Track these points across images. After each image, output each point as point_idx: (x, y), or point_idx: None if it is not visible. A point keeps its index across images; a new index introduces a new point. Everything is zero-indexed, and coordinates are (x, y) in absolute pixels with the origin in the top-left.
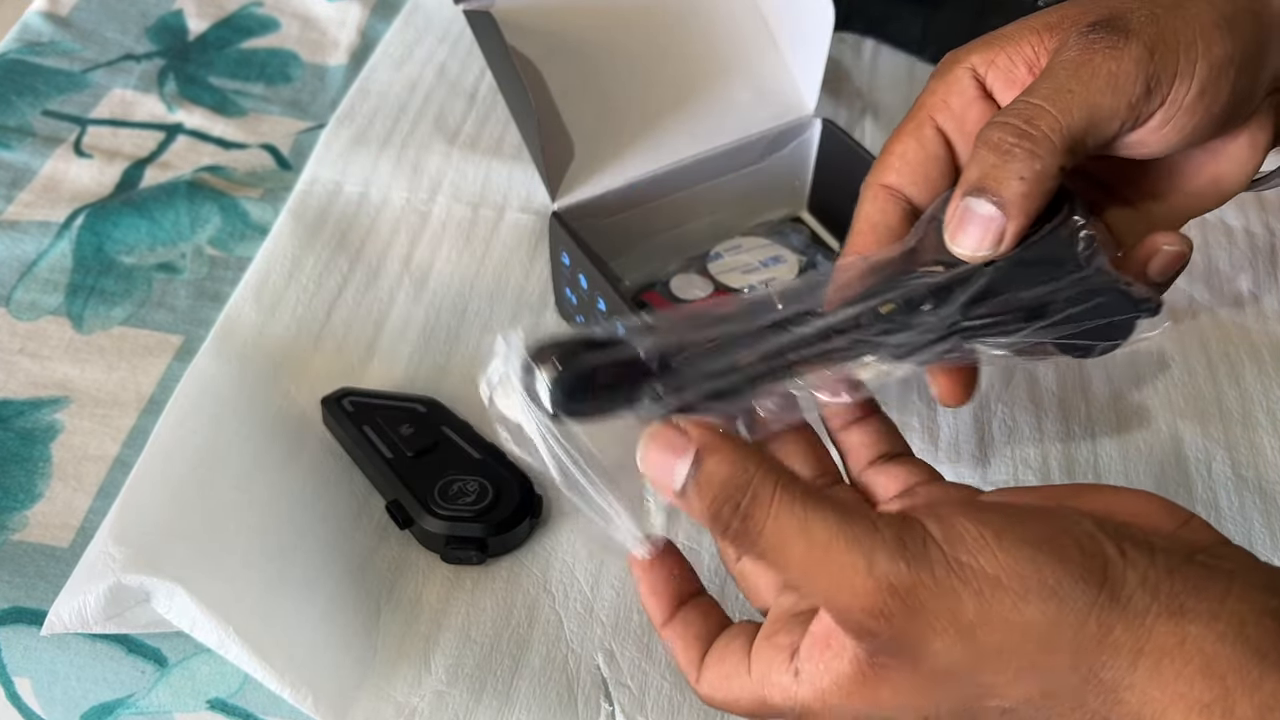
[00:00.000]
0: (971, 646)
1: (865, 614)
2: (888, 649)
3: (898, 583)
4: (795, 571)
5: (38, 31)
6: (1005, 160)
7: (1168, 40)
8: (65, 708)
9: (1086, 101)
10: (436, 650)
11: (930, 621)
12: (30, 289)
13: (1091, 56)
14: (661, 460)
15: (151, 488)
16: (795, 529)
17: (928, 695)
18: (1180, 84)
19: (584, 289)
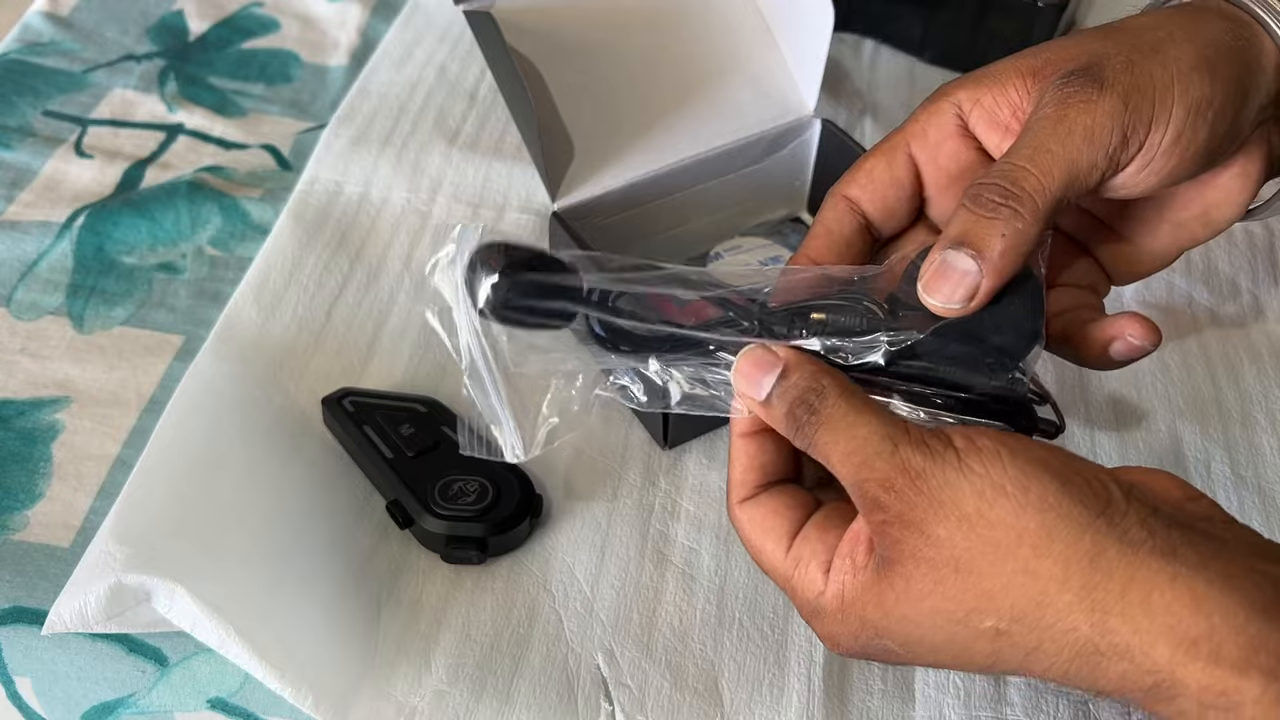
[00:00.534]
0: (970, 537)
1: (879, 486)
2: (897, 523)
3: (910, 467)
4: (837, 459)
5: (38, 32)
6: (989, 218)
7: (1142, 88)
8: (66, 707)
9: (1066, 159)
10: (437, 650)
11: (934, 505)
12: (31, 289)
13: (1067, 111)
14: (753, 373)
15: (152, 487)
16: (846, 424)
17: (928, 604)
18: (1156, 131)
19: None
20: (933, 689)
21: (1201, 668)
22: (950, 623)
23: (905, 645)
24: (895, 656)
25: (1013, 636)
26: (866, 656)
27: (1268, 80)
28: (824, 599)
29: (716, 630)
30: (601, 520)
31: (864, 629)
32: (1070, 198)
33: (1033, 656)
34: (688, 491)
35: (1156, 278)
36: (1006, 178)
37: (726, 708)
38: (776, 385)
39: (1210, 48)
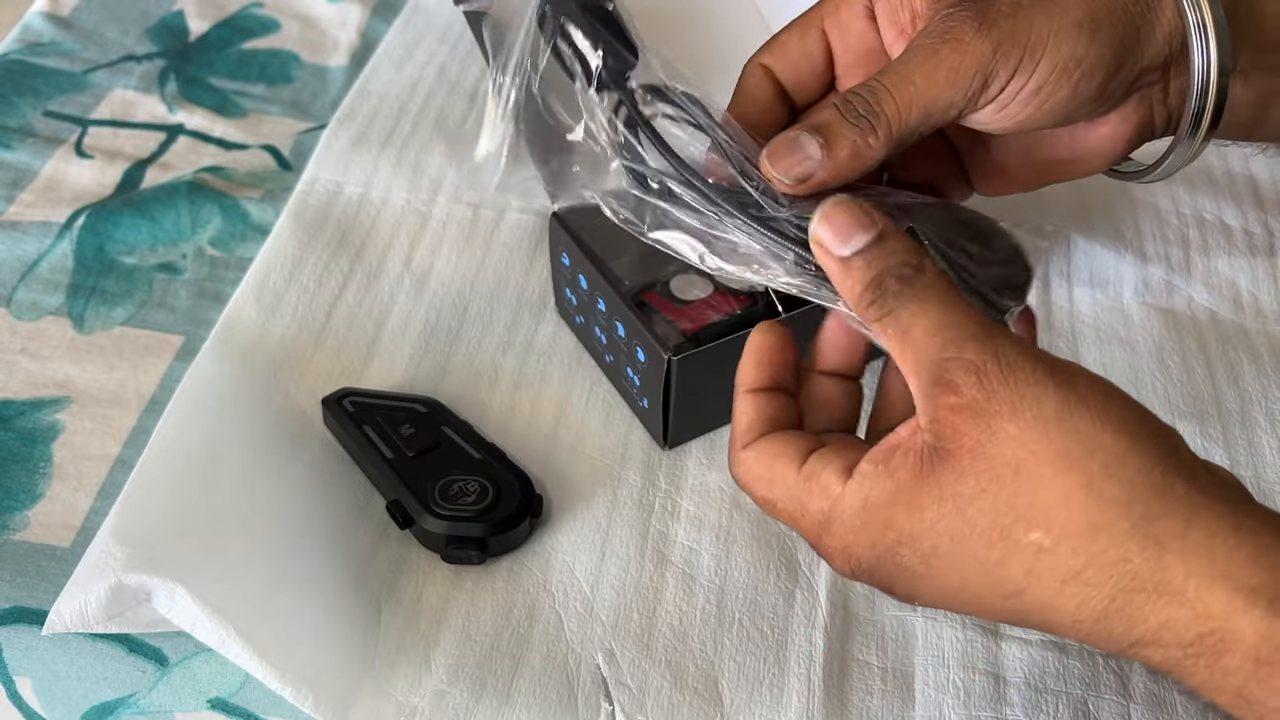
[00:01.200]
0: (1043, 440)
1: (963, 367)
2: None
3: (1003, 356)
4: (921, 331)
5: (38, 32)
6: (849, 123)
7: (1018, 35)
8: (66, 707)
9: (926, 95)
10: (437, 650)
11: (1016, 400)
12: (31, 289)
13: (940, 47)
14: (844, 226)
15: (152, 487)
16: (941, 302)
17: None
18: (1018, 79)
19: (584, 289)
20: (933, 689)
21: (1261, 616)
22: (991, 528)
23: (927, 559)
24: (911, 578)
25: (1056, 556)
26: (875, 575)
27: (1155, 47)
28: (841, 504)
29: (716, 630)
30: (601, 520)
31: (886, 534)
32: (925, 129)
33: (1070, 586)
34: (688, 491)
35: (1157, 278)
36: (873, 95)
37: (726, 708)
38: (870, 248)
39: (1103, 5)
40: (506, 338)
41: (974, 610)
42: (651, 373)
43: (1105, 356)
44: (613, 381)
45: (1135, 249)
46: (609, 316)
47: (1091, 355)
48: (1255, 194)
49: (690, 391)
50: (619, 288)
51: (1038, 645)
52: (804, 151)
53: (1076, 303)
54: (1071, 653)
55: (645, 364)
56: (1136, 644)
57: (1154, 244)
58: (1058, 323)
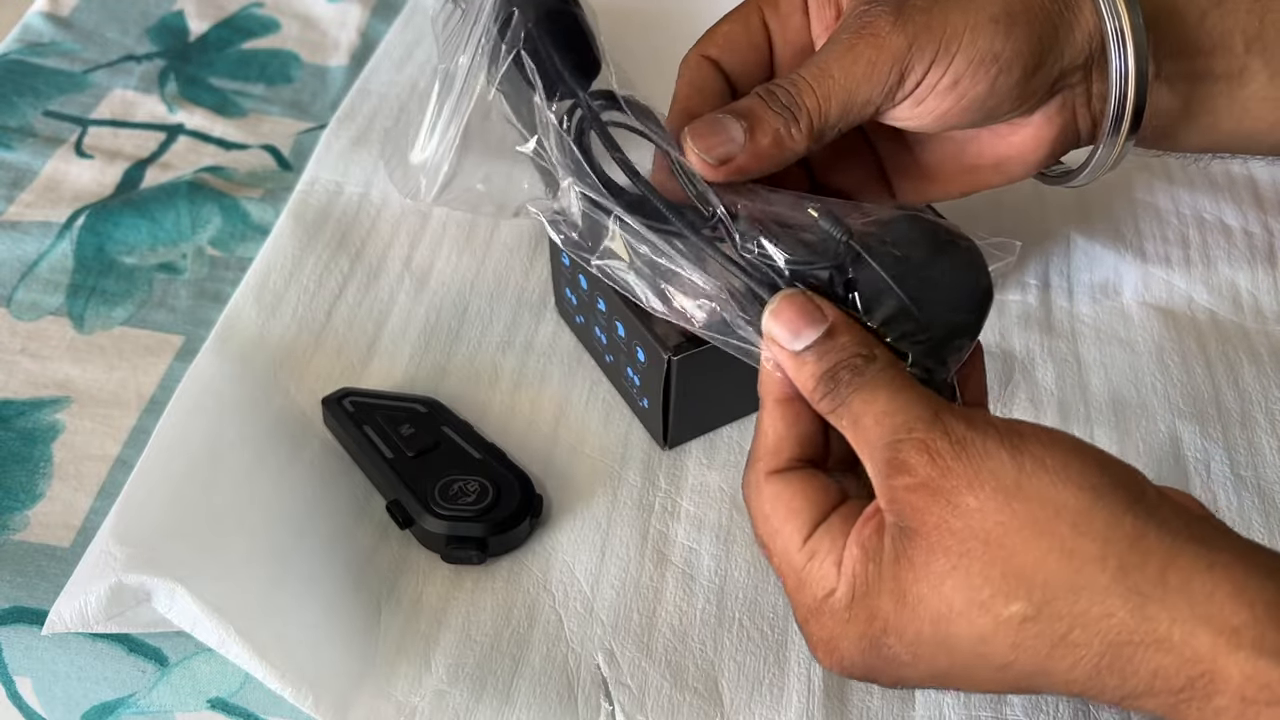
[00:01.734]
0: (1005, 510)
1: (914, 447)
2: (923, 490)
3: (952, 432)
4: (872, 418)
5: (38, 32)
6: (773, 112)
7: (934, 29)
8: (66, 707)
9: (844, 89)
10: (437, 649)
11: (971, 473)
12: (31, 289)
13: (857, 42)
14: (795, 320)
15: (152, 487)
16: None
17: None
18: (934, 73)
19: (584, 289)
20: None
21: (1245, 657)
22: (970, 605)
23: (913, 646)
24: (898, 667)
25: (1040, 623)
26: (866, 667)
27: (1074, 47)
28: (834, 599)
29: (716, 630)
30: (601, 520)
31: (872, 625)
32: (845, 124)
33: (1059, 650)
34: (688, 491)
35: (1156, 278)
36: (794, 87)
37: (726, 707)
38: (820, 342)
39: (1019, 3)
40: (506, 338)
41: (967, 687)
42: (652, 373)
43: (1105, 356)
44: (613, 381)
45: (1135, 249)
46: (609, 316)
47: (1091, 355)
48: (1255, 194)
49: (690, 391)
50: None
51: None
52: (727, 133)
53: (1076, 303)
54: None
55: (645, 364)
56: (1130, 695)
57: (1154, 244)
58: (1058, 323)
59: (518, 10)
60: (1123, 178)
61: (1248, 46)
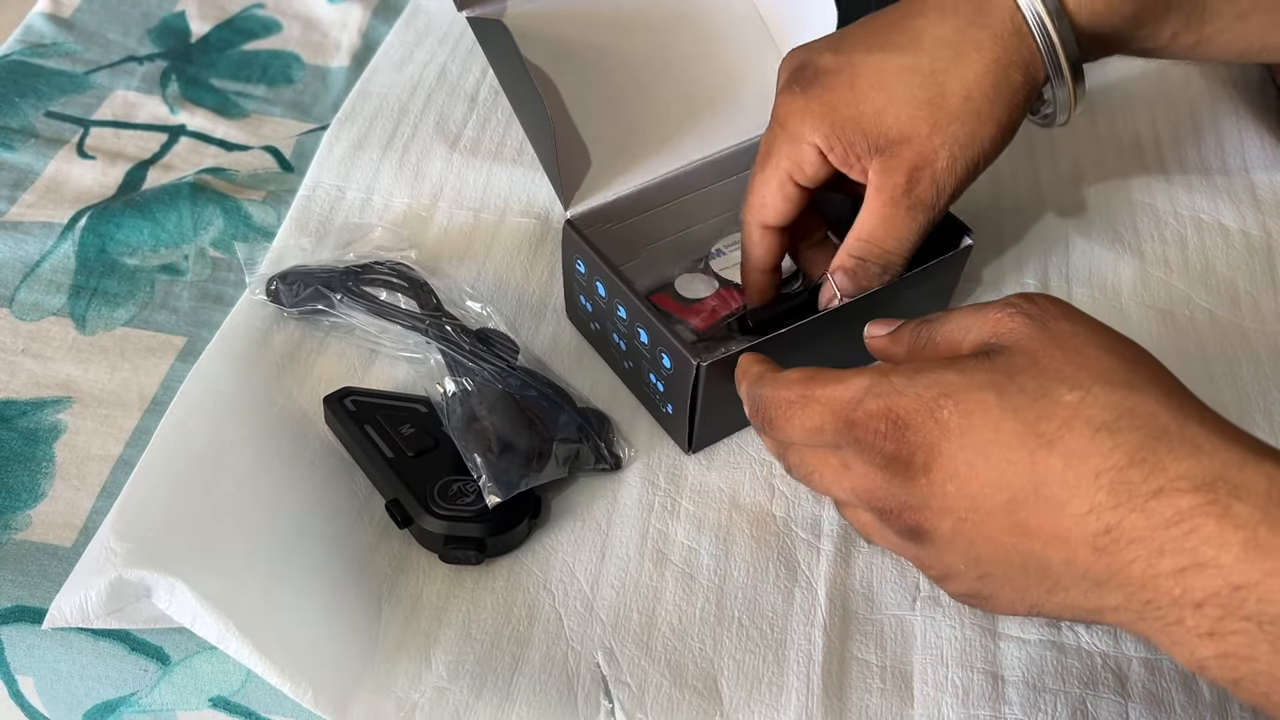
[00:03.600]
0: (1087, 335)
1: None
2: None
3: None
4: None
5: (40, 33)
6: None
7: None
8: (68, 706)
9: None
10: (437, 647)
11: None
12: (33, 290)
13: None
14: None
15: (154, 484)
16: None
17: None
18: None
19: (601, 297)
20: (931, 688)
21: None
22: (1036, 390)
23: (967, 414)
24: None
25: (1092, 408)
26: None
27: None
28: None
29: (716, 629)
30: (601, 520)
31: (930, 390)
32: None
33: (1101, 434)
34: (688, 491)
35: (1155, 279)
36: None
37: (726, 706)
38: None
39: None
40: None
41: (992, 474)
42: (678, 379)
43: None
44: (631, 388)
45: (1134, 249)
46: (629, 323)
47: None
48: (1253, 195)
49: (716, 397)
50: (640, 295)
51: (1036, 644)
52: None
53: (1075, 303)
54: (1069, 652)
55: (671, 371)
56: (1153, 493)
57: (1152, 245)
58: None
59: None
60: (1121, 178)
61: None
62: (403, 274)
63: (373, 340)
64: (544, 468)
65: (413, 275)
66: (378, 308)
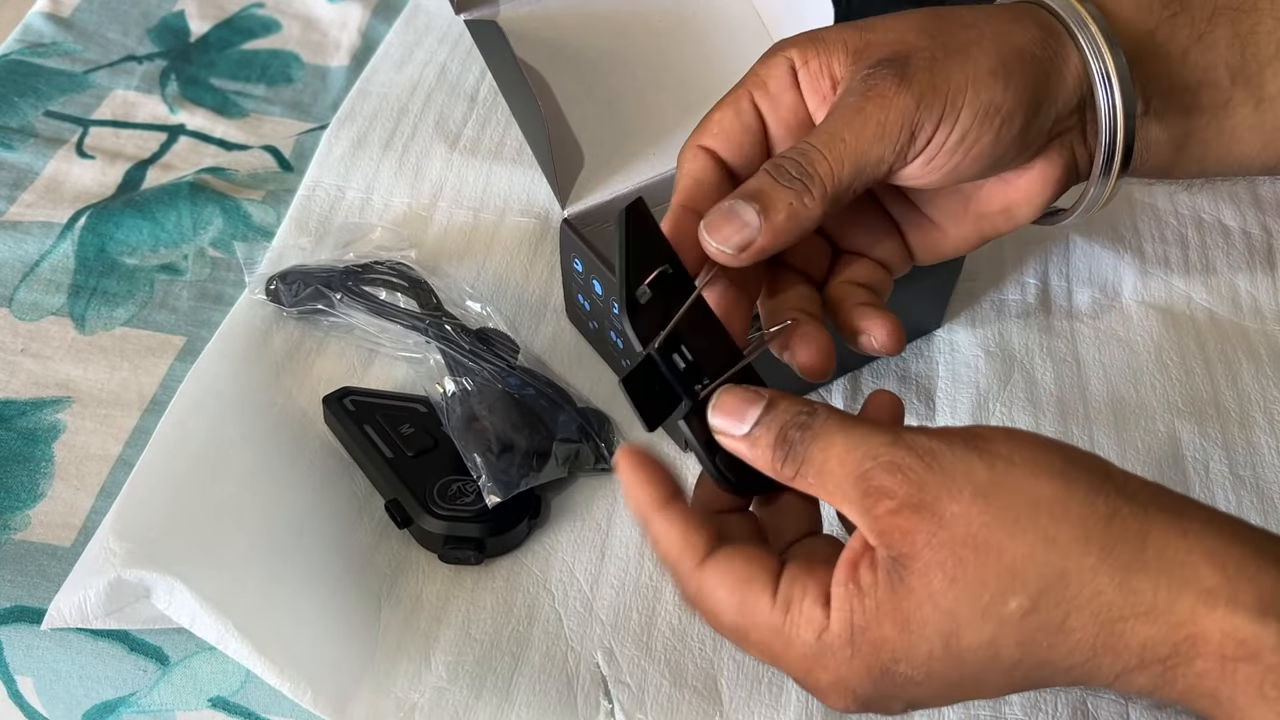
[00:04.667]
0: (987, 510)
1: (885, 470)
2: (906, 510)
3: (918, 446)
4: (836, 459)
5: (40, 32)
6: (783, 186)
7: (938, 88)
8: (67, 706)
9: (856, 150)
10: (437, 647)
11: (946, 481)
12: (33, 289)
13: (865, 104)
14: (737, 407)
15: (153, 484)
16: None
17: (950, 597)
18: (943, 129)
19: (598, 295)
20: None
21: (1222, 615)
22: (975, 614)
23: (925, 666)
24: (914, 690)
25: (1040, 614)
26: (881, 696)
27: (1067, 91)
28: (829, 635)
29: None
30: (601, 520)
31: (879, 657)
32: (859, 185)
33: (1059, 638)
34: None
35: (1155, 278)
36: (804, 156)
37: (725, 706)
38: (764, 416)
39: (1013, 54)
40: None
41: (978, 694)
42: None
43: (1105, 356)
44: None
45: (1134, 249)
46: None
47: (1091, 355)
48: (1254, 195)
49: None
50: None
51: None
52: (741, 219)
53: (1076, 303)
54: None
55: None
56: (1125, 671)
57: (1153, 244)
58: (1057, 323)
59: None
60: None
61: (1232, 79)
62: (402, 274)
63: (372, 340)
64: (544, 468)
65: (412, 275)
66: (377, 307)
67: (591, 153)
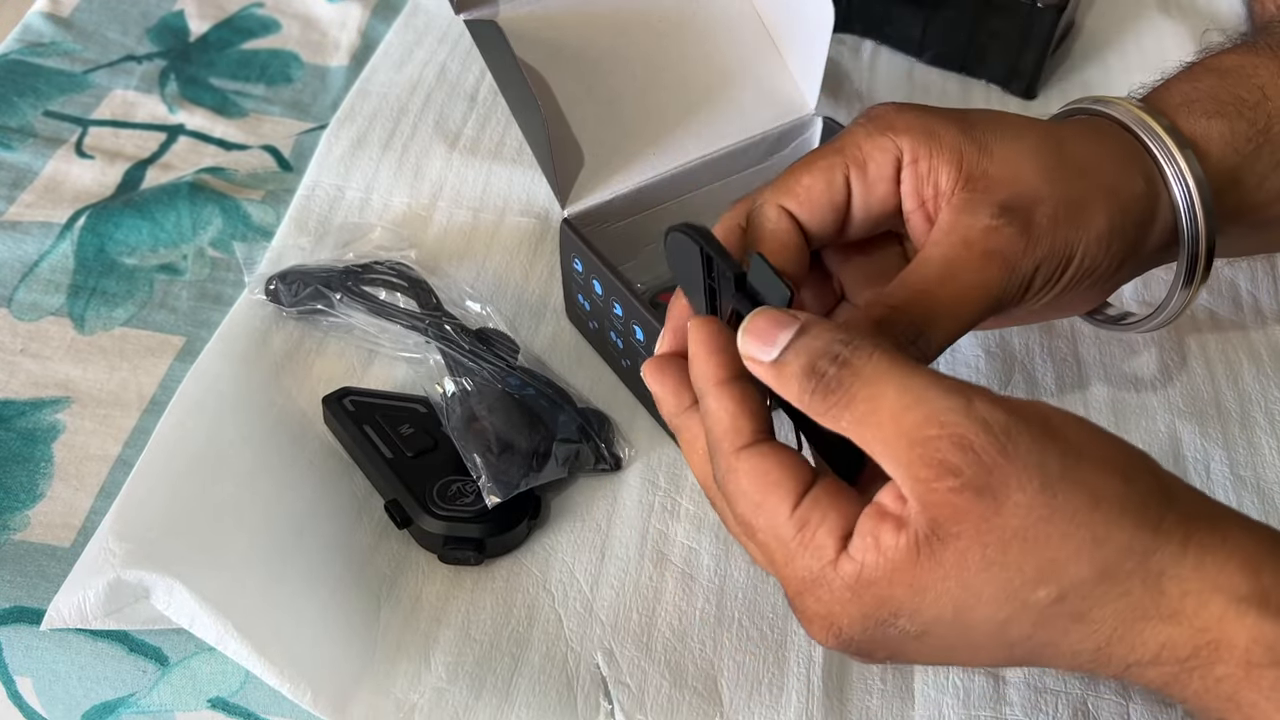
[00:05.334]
0: (1051, 504)
1: (953, 445)
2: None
3: (994, 421)
4: (887, 415)
5: (39, 32)
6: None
7: (1057, 252)
8: (67, 707)
9: (971, 314)
10: (436, 648)
11: (1021, 469)
12: (32, 289)
13: (988, 265)
14: (766, 330)
15: (153, 484)
16: (895, 376)
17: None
18: (1048, 291)
19: (598, 295)
20: (932, 689)
21: (1252, 621)
22: (1000, 595)
23: (926, 626)
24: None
25: (1065, 604)
26: (866, 642)
27: (1153, 241)
28: (834, 573)
29: (716, 630)
30: (601, 520)
31: (880, 610)
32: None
33: (1077, 625)
34: (688, 491)
35: (1155, 278)
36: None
37: (725, 707)
38: (794, 340)
39: (1120, 215)
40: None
41: (970, 661)
42: None
43: (1105, 356)
44: (630, 386)
45: None
46: (626, 321)
47: (1091, 355)
48: None
49: None
50: (636, 292)
51: None
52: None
53: None
54: None
55: None
56: (1136, 665)
57: None
58: (1058, 323)
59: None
60: None
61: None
62: (402, 274)
63: (372, 340)
64: (544, 468)
65: (412, 275)
66: (377, 307)
67: (591, 153)
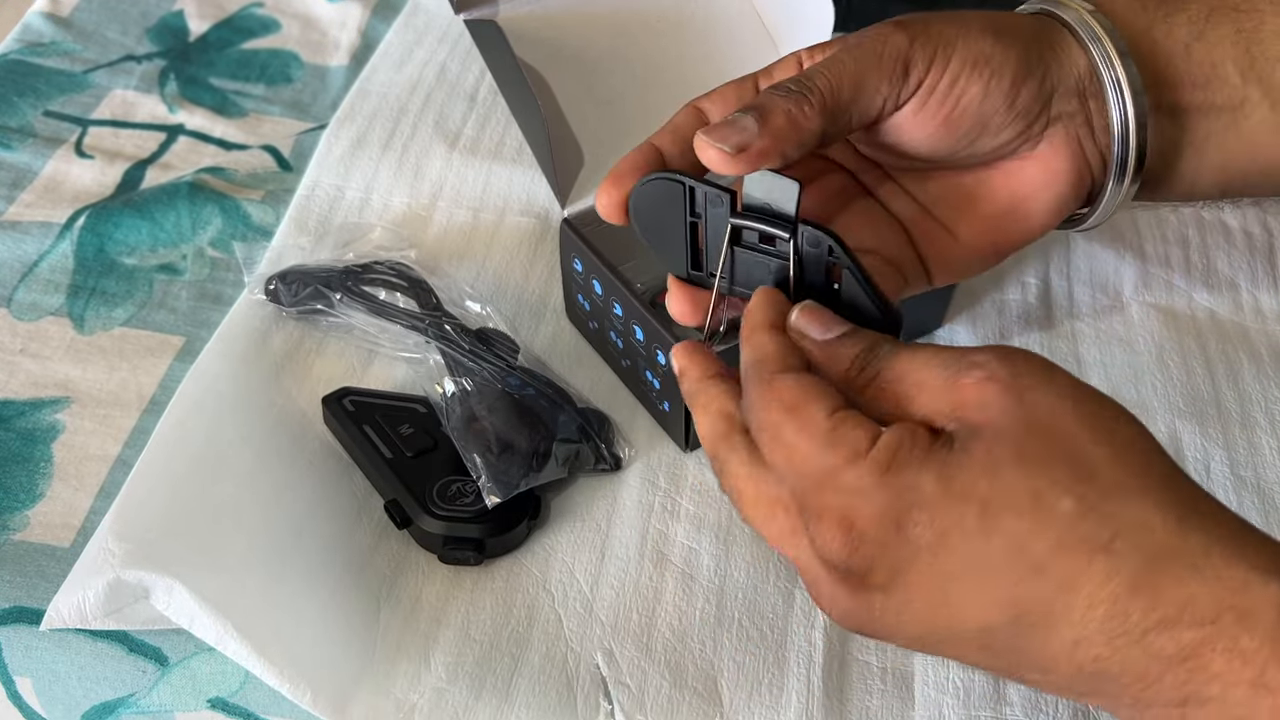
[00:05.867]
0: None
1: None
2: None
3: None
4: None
5: (39, 32)
6: (780, 96)
7: (930, 34)
8: (66, 707)
9: (855, 73)
10: (436, 648)
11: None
12: (31, 289)
13: (862, 39)
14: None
15: (153, 484)
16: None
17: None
18: (934, 70)
19: (598, 295)
20: (932, 689)
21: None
22: (1024, 495)
23: (945, 531)
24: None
25: (1087, 523)
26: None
27: (1062, 69)
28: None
29: (716, 630)
30: (601, 520)
31: (902, 497)
32: (856, 113)
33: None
34: (688, 491)
35: (1156, 278)
36: (805, 75)
37: (725, 707)
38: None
39: (1005, 23)
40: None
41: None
42: (673, 376)
43: (1105, 356)
44: (629, 386)
45: (1135, 249)
46: (626, 321)
47: (1091, 355)
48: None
49: None
50: (636, 292)
51: None
52: (739, 125)
53: (1076, 302)
54: None
55: (667, 368)
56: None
57: (1153, 244)
58: (1058, 323)
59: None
60: None
61: (1243, 76)
62: (402, 274)
63: (372, 340)
64: (544, 468)
65: (412, 275)
66: (377, 307)
67: (591, 153)
